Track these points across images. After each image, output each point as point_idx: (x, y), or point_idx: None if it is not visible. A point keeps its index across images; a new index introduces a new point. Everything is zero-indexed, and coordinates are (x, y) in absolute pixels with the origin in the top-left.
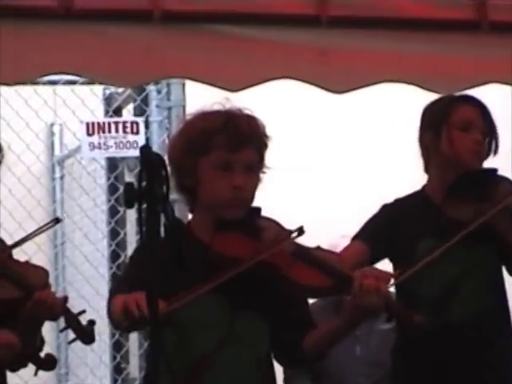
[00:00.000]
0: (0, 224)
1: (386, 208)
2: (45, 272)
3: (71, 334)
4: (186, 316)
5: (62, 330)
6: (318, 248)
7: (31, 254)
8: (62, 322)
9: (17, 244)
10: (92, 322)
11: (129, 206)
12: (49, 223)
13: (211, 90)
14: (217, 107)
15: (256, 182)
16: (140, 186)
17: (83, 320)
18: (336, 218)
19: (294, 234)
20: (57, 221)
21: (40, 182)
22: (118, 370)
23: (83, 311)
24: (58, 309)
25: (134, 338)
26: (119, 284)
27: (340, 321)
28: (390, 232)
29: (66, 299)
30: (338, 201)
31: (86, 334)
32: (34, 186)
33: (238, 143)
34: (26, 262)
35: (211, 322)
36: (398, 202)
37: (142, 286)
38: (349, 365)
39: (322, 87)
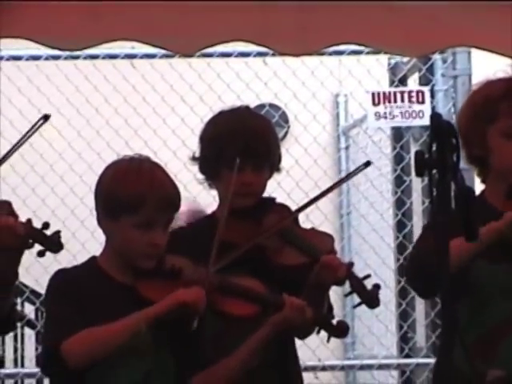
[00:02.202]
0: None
1: None
2: (331, 238)
3: (356, 299)
4: (482, 283)
5: (346, 295)
6: None
7: (318, 223)
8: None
9: (301, 208)
10: (377, 286)
11: (419, 174)
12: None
13: (497, 58)
14: (501, 75)
15: None
16: (430, 155)
17: (368, 285)
18: None
19: None
20: None
21: (326, 152)
22: (404, 339)
23: (368, 276)
24: (343, 273)
25: (420, 307)
26: None
27: None
28: None
29: (351, 265)
30: None
31: (370, 298)
32: (320, 157)
33: None
34: (312, 229)
35: (508, 288)
36: None
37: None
38: None
39: None
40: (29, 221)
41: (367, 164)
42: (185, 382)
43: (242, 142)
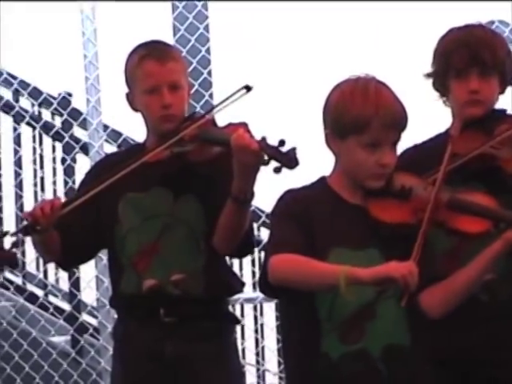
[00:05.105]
0: None
1: None
2: None
3: None
4: None
5: None
6: None
7: None
8: None
9: None
10: None
11: None
12: None
13: None
14: None
15: None
16: None
17: None
18: None
19: None
20: None
21: None
22: None
23: None
24: None
25: None
26: None
27: None
28: None
29: None
30: None
31: None
32: None
33: None
34: None
35: None
36: None
37: None
38: None
39: None
40: (263, 138)
41: None
42: (413, 297)
43: (467, 50)
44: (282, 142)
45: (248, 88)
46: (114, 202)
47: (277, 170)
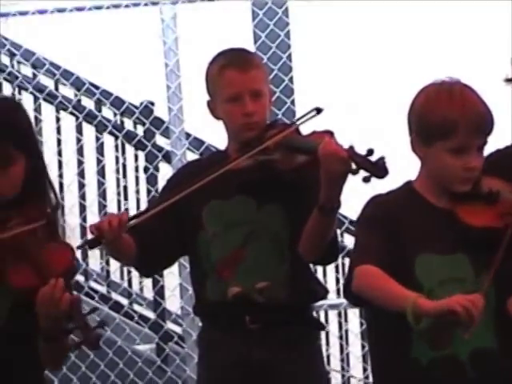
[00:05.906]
0: None
1: None
2: None
3: None
4: None
5: None
6: None
7: None
8: None
9: None
10: None
11: None
12: None
13: None
14: None
15: None
16: None
17: None
18: None
19: None
20: None
21: None
22: None
23: None
24: None
25: None
26: None
27: None
28: None
29: None
30: None
31: None
32: None
33: None
34: None
35: None
36: None
37: None
38: None
39: None
40: (351, 147)
41: None
42: (503, 308)
43: None
44: (370, 151)
45: (318, 110)
46: (198, 210)
47: (366, 180)
